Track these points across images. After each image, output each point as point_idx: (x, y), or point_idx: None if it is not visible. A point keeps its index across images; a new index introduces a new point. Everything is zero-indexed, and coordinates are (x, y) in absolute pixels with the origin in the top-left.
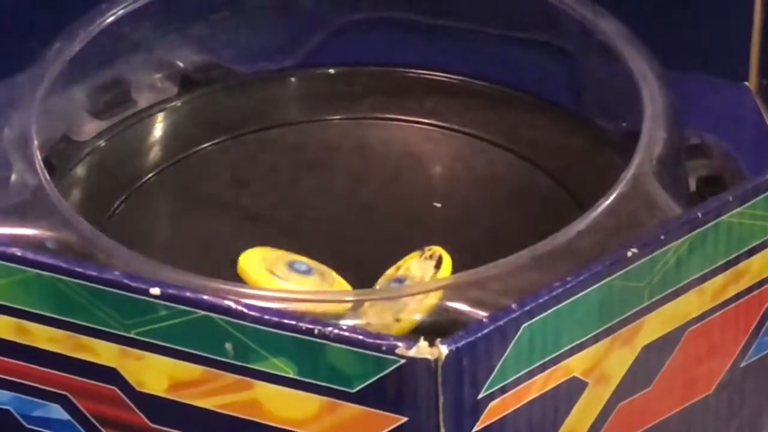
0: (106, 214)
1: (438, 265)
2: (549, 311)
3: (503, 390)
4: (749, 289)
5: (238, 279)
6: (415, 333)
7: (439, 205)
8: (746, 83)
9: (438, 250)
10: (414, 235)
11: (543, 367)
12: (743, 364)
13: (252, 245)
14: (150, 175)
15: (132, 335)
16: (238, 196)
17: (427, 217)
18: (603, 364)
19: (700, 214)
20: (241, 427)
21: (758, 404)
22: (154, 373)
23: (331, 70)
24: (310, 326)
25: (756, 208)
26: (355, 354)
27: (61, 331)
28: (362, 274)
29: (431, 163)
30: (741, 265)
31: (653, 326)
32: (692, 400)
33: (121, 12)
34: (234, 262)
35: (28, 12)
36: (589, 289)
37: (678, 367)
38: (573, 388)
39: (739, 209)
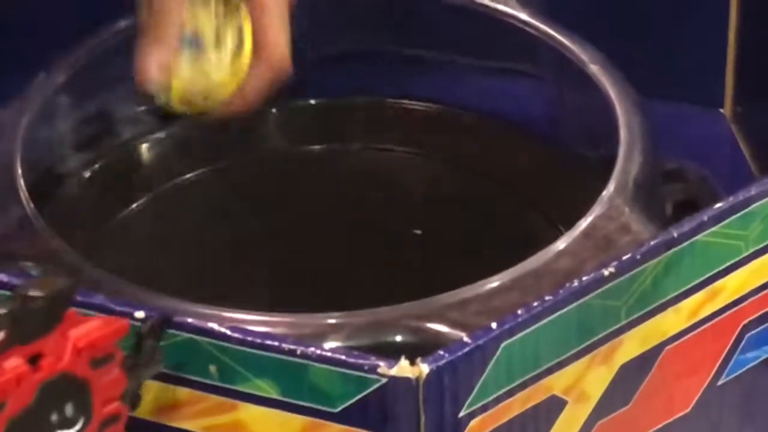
0: (90, 244)
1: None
2: (528, 330)
3: (484, 408)
4: (725, 308)
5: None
6: (396, 352)
7: (419, 231)
8: (721, 110)
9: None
10: (395, 262)
11: (523, 386)
12: (720, 382)
13: (234, 273)
14: (134, 205)
15: None
16: (219, 225)
17: (407, 244)
18: (582, 382)
19: (675, 234)
20: None
21: (735, 422)
22: None
23: (312, 101)
24: (292, 347)
25: (730, 227)
26: (337, 374)
27: None
28: (344, 299)
29: (411, 191)
30: (716, 284)
31: (631, 345)
32: (670, 418)
33: (104, 45)
34: (217, 291)
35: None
36: (567, 308)
37: (656, 385)
38: (553, 406)
39: (713, 229)
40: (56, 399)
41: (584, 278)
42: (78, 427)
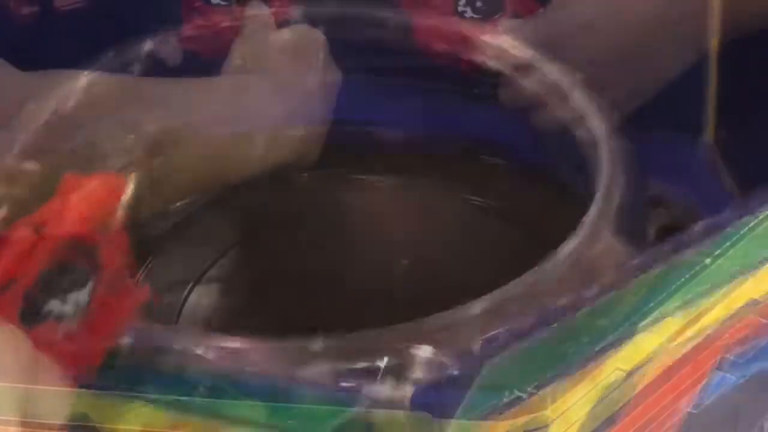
0: None
1: None
2: (511, 352)
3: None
4: (707, 330)
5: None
6: (382, 375)
7: (406, 261)
8: (704, 138)
9: None
10: (381, 291)
11: (506, 407)
12: (704, 404)
13: (222, 304)
14: None
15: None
16: (206, 254)
17: (394, 274)
18: (565, 404)
19: (657, 256)
20: None
21: None
22: (127, 420)
23: None
24: (278, 371)
25: (712, 249)
26: (322, 397)
27: None
28: (331, 326)
29: (397, 220)
30: (698, 306)
31: (614, 367)
32: None
33: (92, 76)
34: (205, 318)
35: None
36: (549, 330)
37: (639, 408)
38: (537, 429)
39: (696, 250)
40: (66, 262)
41: (567, 300)
42: (90, 285)
